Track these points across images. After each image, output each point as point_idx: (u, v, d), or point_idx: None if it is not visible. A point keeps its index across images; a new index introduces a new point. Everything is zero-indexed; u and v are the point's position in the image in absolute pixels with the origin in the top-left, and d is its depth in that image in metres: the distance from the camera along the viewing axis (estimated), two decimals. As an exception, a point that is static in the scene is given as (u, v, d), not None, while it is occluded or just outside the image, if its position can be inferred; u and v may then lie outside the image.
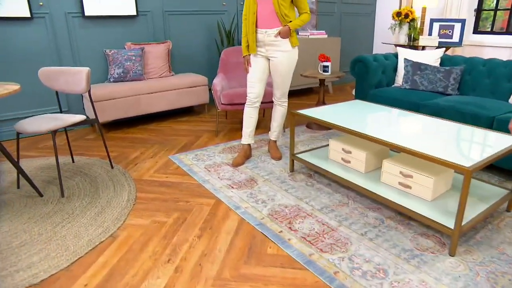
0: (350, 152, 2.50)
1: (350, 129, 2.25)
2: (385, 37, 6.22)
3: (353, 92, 5.54)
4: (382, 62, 3.46)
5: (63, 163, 3.02)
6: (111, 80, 3.90)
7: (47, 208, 2.34)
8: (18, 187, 2.61)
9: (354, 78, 6.37)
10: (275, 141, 3.08)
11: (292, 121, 2.64)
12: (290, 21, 2.65)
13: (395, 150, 2.08)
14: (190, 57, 4.54)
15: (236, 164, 2.89)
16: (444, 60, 3.43)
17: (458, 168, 1.73)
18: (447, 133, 2.18)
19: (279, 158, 2.99)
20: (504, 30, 5.47)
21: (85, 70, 2.63)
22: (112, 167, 2.92)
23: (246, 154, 2.96)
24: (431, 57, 3.40)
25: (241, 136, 3.57)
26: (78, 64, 3.83)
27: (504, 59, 5.06)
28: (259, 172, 2.78)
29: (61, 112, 2.84)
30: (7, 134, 3.62)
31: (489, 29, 5.70)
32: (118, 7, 3.90)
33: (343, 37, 5.99)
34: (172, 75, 4.23)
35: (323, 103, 3.70)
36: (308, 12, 2.70)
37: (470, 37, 5.42)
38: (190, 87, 4.09)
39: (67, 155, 3.21)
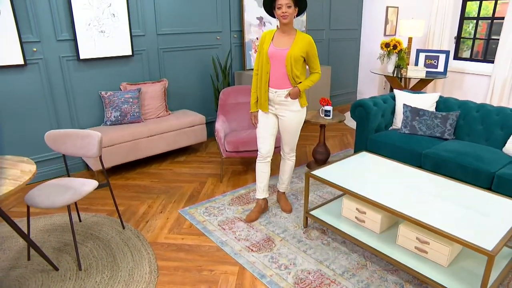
0: (364, 213, 2.60)
1: (369, 199, 2.34)
2: (370, 62, 6.39)
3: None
4: (381, 106, 3.58)
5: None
6: (108, 123, 3.81)
7: (67, 286, 2.28)
8: (29, 259, 2.52)
9: (339, 100, 6.52)
10: (284, 193, 3.13)
11: (307, 181, 2.70)
12: (300, 82, 2.68)
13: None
14: (185, 93, 4.49)
15: (249, 220, 2.92)
16: (439, 103, 3.60)
17: (481, 252, 1.85)
18: (459, 199, 2.31)
19: (290, 211, 3.04)
20: (480, 54, 5.78)
21: (96, 135, 2.57)
22: (123, 227, 2.87)
23: (261, 209, 2.99)
24: (428, 101, 3.55)
25: (245, 181, 3.60)
26: (72, 108, 3.71)
27: (484, 86, 5.34)
28: (274, 230, 2.82)
29: (68, 175, 2.76)
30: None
31: (466, 51, 6.00)
32: (113, 48, 3.80)
33: (331, 63, 6.11)
34: (169, 114, 4.18)
35: (324, 144, 3.79)
36: (319, 72, 2.75)
37: (451, 63, 5.67)
38: (188, 127, 4.07)
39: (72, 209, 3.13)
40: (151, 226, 2.90)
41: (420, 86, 5.13)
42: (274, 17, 2.66)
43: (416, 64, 5.18)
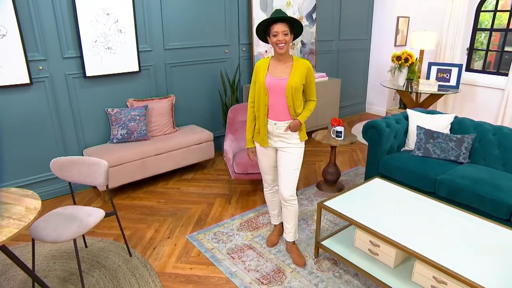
0: (378, 246, 2.51)
1: (385, 236, 2.26)
2: (380, 73, 6.28)
3: (352, 130, 5.58)
4: (394, 127, 3.49)
5: (76, 250, 2.88)
6: (114, 141, 3.74)
7: (73, 322, 2.23)
8: (34, 291, 2.47)
9: (348, 111, 6.42)
10: (293, 242, 2.80)
11: (319, 212, 2.62)
12: (299, 113, 2.51)
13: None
14: (192, 108, 4.42)
15: (272, 245, 2.89)
16: (454, 124, 3.49)
17: (506, 303, 1.77)
18: (479, 237, 2.22)
19: (303, 265, 2.67)
20: (492, 65, 5.65)
21: (103, 164, 2.50)
22: (130, 255, 2.81)
23: (280, 231, 2.97)
24: (442, 122, 3.46)
25: (254, 203, 3.53)
26: (78, 125, 3.65)
27: (497, 100, 5.23)
28: (284, 259, 2.75)
29: (74, 202, 2.70)
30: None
31: (478, 61, 5.88)
32: (120, 64, 3.73)
33: (340, 74, 6.00)
34: (176, 130, 4.11)
35: (334, 164, 3.70)
36: (315, 99, 2.58)
37: (463, 75, 5.55)
38: (196, 144, 4.00)
39: (77, 235, 3.07)
40: (159, 253, 2.83)
41: (431, 100, 5.02)
42: (267, 42, 2.47)
43: (428, 77, 5.06)
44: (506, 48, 5.30)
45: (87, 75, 3.56)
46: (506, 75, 5.15)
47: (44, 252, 2.86)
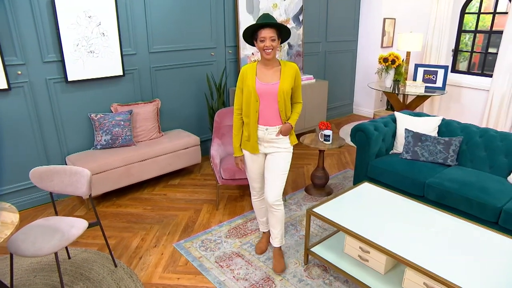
0: (368, 252, 2.49)
1: (375, 243, 2.24)
2: (367, 74, 6.28)
3: (339, 132, 5.57)
4: (382, 130, 3.48)
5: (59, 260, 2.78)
6: (98, 147, 3.64)
7: (54, 339, 2.14)
8: (14, 306, 2.37)
9: (335, 112, 6.42)
10: (279, 248, 2.76)
11: (308, 219, 2.58)
12: (289, 117, 2.49)
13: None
14: (178, 112, 4.34)
15: (261, 253, 2.84)
16: (441, 126, 3.50)
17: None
18: (469, 243, 2.21)
19: (281, 271, 2.63)
20: (476, 66, 5.72)
21: (85, 173, 2.42)
22: (115, 265, 2.72)
23: (269, 239, 2.90)
24: (430, 124, 3.46)
25: (242, 208, 3.48)
26: (60, 132, 3.54)
27: (482, 101, 5.28)
28: (274, 267, 2.70)
29: (56, 213, 2.61)
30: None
31: (462, 62, 5.94)
32: (103, 68, 3.63)
33: (327, 76, 5.99)
34: (162, 135, 4.03)
35: (323, 168, 3.67)
36: (302, 101, 2.57)
37: (449, 76, 5.59)
38: (182, 149, 3.92)
39: (60, 245, 2.96)
40: (145, 263, 2.76)
41: (418, 101, 5.04)
42: (254, 45, 2.43)
43: (415, 79, 5.08)
44: (490, 50, 5.36)
45: (69, 79, 3.46)
46: (491, 76, 5.21)
47: (24, 265, 2.75)
